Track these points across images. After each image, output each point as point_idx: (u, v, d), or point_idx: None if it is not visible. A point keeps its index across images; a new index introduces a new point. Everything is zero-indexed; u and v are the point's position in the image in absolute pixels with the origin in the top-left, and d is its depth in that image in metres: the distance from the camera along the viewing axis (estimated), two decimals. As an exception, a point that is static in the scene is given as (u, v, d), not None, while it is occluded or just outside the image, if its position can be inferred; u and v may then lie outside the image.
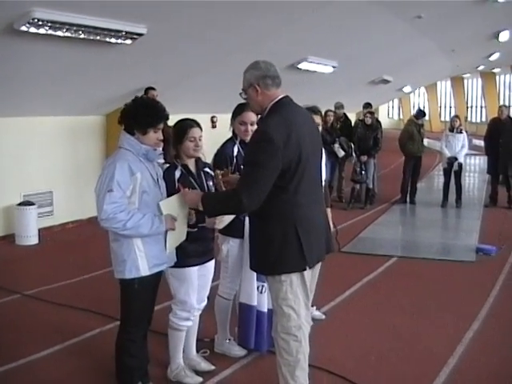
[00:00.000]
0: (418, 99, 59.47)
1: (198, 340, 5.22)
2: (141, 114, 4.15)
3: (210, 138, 5.40)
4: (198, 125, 4.76)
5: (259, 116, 4.28)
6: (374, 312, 6.66)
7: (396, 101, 56.35)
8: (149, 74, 9.96)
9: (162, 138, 4.28)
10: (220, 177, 4.47)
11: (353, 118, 17.85)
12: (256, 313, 5.29)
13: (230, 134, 5.38)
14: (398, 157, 24.14)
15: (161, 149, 4.40)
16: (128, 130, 4.21)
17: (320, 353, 5.39)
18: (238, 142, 5.29)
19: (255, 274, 5.15)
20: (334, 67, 14.53)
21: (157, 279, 4.37)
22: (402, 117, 60.50)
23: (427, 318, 6.52)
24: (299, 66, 13.14)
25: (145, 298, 4.32)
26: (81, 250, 9.32)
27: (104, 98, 10.36)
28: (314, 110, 5.99)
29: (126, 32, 7.77)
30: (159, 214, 4.18)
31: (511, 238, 10.00)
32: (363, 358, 5.43)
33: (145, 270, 4.19)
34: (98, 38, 7.61)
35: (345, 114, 14.33)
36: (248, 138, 5.24)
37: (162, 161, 5.39)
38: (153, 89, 10.10)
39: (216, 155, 5.26)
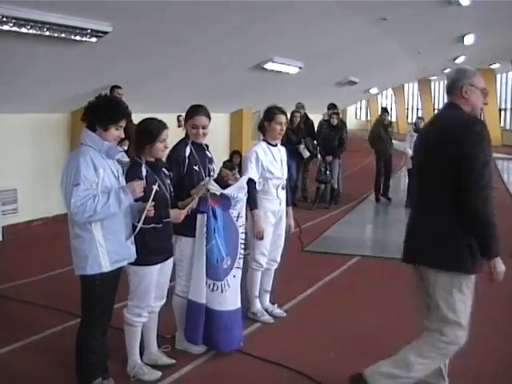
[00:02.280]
0: (386, 101, 59.92)
1: (159, 336, 5.28)
2: (103, 111, 4.20)
3: (177, 138, 5.43)
4: (167, 126, 4.83)
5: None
6: (335, 310, 6.75)
7: (364, 102, 56.77)
8: (114, 72, 9.95)
9: (123, 136, 4.32)
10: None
11: (318, 118, 17.97)
12: (206, 310, 5.32)
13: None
14: (365, 157, 24.54)
15: (125, 147, 4.45)
16: (90, 127, 4.24)
17: (281, 349, 5.52)
18: (190, 143, 5.33)
19: (205, 271, 5.22)
20: (299, 68, 14.60)
21: (117, 275, 4.40)
22: (369, 118, 60.96)
23: (388, 315, 6.62)
24: (265, 66, 13.19)
25: (105, 294, 4.35)
26: (45, 248, 9.29)
27: (69, 95, 10.32)
28: (282, 111, 6.11)
29: (91, 30, 7.77)
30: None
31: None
32: (322, 354, 5.50)
33: (106, 266, 4.23)
34: (63, 35, 7.60)
35: (306, 114, 14.41)
36: (200, 141, 5.32)
37: (127, 159, 5.44)
38: (118, 87, 10.09)
39: (169, 156, 5.28)
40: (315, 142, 14.01)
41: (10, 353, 5.43)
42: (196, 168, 5.25)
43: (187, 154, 5.25)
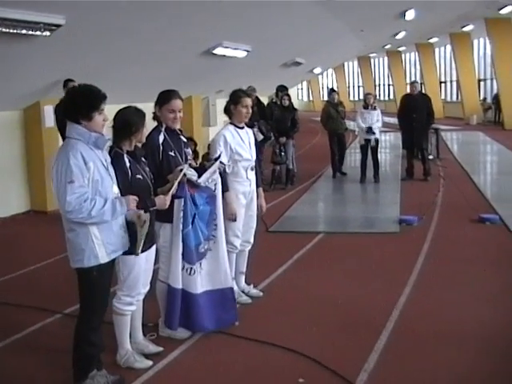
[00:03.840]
0: (327, 80, 60.40)
1: (142, 325, 5.29)
2: (80, 102, 4.15)
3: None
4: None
5: None
6: (309, 285, 6.86)
7: (305, 83, 57.06)
8: (67, 65, 9.83)
9: (107, 118, 4.31)
10: None
11: (265, 101, 18.05)
12: (183, 294, 5.37)
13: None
14: (312, 137, 24.79)
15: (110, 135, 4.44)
16: (74, 119, 4.19)
17: (263, 328, 5.61)
18: (163, 130, 5.35)
19: (180, 256, 5.27)
20: (247, 51, 14.65)
21: (112, 265, 4.41)
22: (311, 98, 61.38)
23: (360, 287, 6.77)
24: (214, 51, 13.21)
25: (103, 285, 4.36)
26: (6, 248, 9.10)
27: (22, 91, 10.18)
28: (247, 94, 6.18)
29: (44, 23, 7.70)
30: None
31: (430, 208, 10.44)
32: (305, 330, 5.61)
33: (103, 258, 4.24)
34: (16, 30, 7.51)
35: (257, 97, 14.45)
36: (176, 125, 5.36)
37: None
38: (72, 80, 9.96)
39: (143, 145, 5.28)
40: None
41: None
42: (172, 154, 5.27)
43: (161, 141, 5.27)
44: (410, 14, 17.88)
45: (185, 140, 5.55)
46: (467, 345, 5.24)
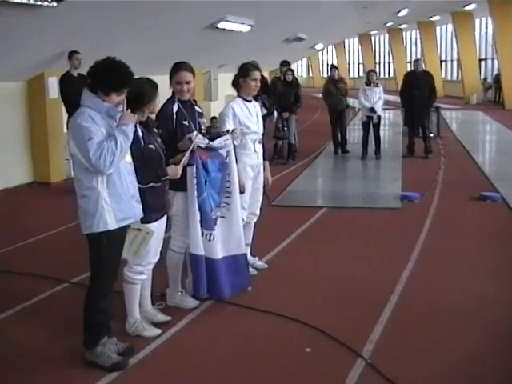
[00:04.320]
0: (327, 57, 60.24)
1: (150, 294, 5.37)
2: (107, 76, 4.17)
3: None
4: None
5: None
6: (313, 259, 6.95)
7: (305, 59, 56.91)
8: (73, 37, 9.84)
9: (124, 100, 4.33)
10: None
11: (267, 76, 18.03)
12: (206, 261, 5.47)
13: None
14: (313, 113, 24.81)
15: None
16: (92, 88, 4.23)
17: (268, 299, 5.69)
18: (177, 100, 5.43)
19: (199, 223, 5.34)
20: (251, 26, 14.62)
21: (123, 234, 4.45)
22: (311, 75, 61.24)
23: (364, 260, 6.85)
24: (218, 25, 13.19)
25: (113, 253, 4.41)
26: (10, 219, 9.15)
27: (26, 62, 10.17)
28: (257, 67, 6.20)
29: (52, -6, 7.69)
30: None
31: (432, 186, 10.51)
32: (310, 302, 5.69)
33: (112, 224, 4.27)
34: (23, 0, 7.50)
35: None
36: (185, 96, 5.42)
37: None
38: (77, 52, 10.01)
39: (158, 114, 5.36)
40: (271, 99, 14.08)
41: (3, 322, 5.41)
42: (185, 123, 5.35)
43: (175, 111, 5.35)
44: (414, -9, 17.89)
45: (199, 110, 5.61)
46: (469, 317, 5.33)
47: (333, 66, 15.41)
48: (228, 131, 5.63)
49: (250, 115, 6.19)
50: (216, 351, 4.79)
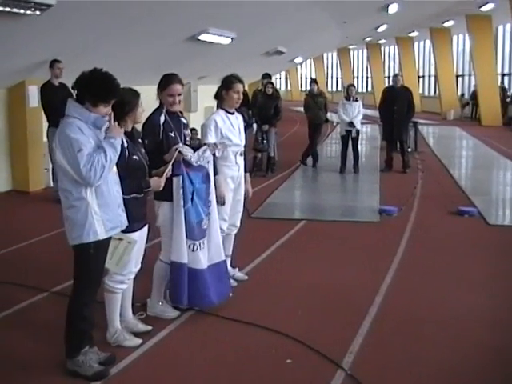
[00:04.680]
0: (306, 70, 60.54)
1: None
2: (95, 87, 4.20)
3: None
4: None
5: None
6: (293, 271, 6.98)
7: (283, 72, 57.16)
8: (55, 45, 9.84)
9: (110, 112, 4.35)
10: None
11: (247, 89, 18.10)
12: (188, 270, 5.49)
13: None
14: (292, 126, 24.93)
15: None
16: (78, 99, 4.25)
17: (248, 310, 5.72)
18: (164, 111, 5.46)
19: (184, 232, 5.38)
20: (232, 38, 14.68)
21: (108, 243, 4.46)
22: (289, 88, 61.52)
23: (343, 273, 6.91)
24: (200, 37, 13.22)
25: (99, 262, 4.42)
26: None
27: (7, 70, 10.15)
28: (239, 79, 6.25)
29: (35, 3, 7.66)
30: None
31: (410, 200, 10.61)
32: (290, 313, 5.72)
33: (102, 234, 4.29)
34: (7, 9, 7.49)
35: (240, 84, 14.53)
36: (176, 108, 5.47)
37: None
38: (58, 61, 10.02)
39: (144, 125, 5.42)
40: (250, 111, 14.16)
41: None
42: (172, 134, 5.39)
43: (162, 122, 5.39)
44: (393, 8, 18.04)
45: (184, 122, 5.66)
46: (446, 328, 5.41)
47: (313, 81, 15.54)
48: (207, 144, 5.68)
49: (232, 127, 6.24)
50: (196, 361, 4.80)
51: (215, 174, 6.03)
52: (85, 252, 4.29)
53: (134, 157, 4.76)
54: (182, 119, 5.65)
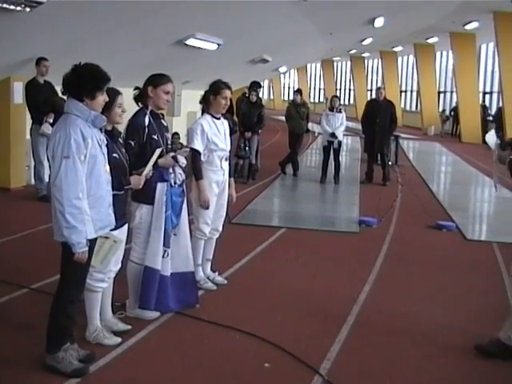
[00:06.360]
0: (289, 80, 60.75)
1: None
2: (87, 80, 4.22)
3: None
4: (120, 92, 4.93)
5: None
6: (272, 277, 7.03)
7: (266, 81, 57.31)
8: (43, 43, 9.81)
9: (107, 99, 4.39)
10: None
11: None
12: (159, 277, 5.55)
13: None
14: (273, 135, 25.02)
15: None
16: (76, 95, 4.25)
17: (227, 314, 5.76)
18: (148, 113, 5.47)
19: (162, 239, 5.43)
20: (218, 45, 14.73)
21: (95, 241, 4.46)
22: (272, 97, 61.70)
23: (322, 281, 6.98)
24: (187, 42, 13.25)
25: (87, 261, 4.39)
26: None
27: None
28: (227, 85, 6.30)
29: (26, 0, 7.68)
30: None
31: (389, 212, 10.71)
32: (269, 318, 5.77)
33: (91, 234, 4.28)
34: (-2, 4, 7.51)
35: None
36: (165, 107, 5.54)
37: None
38: (45, 59, 10.02)
39: (128, 125, 5.42)
40: (236, 118, 14.23)
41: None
42: (155, 137, 5.39)
43: (146, 124, 5.38)
44: (379, 22, 18.20)
45: (165, 124, 5.68)
46: (420, 337, 5.48)
47: (297, 90, 15.64)
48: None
49: (218, 132, 6.29)
50: (175, 362, 4.83)
51: (200, 178, 6.10)
52: (71, 250, 4.27)
53: (114, 155, 4.76)
54: (163, 122, 5.67)
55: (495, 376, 4.91)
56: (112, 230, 4.72)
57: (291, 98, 15.88)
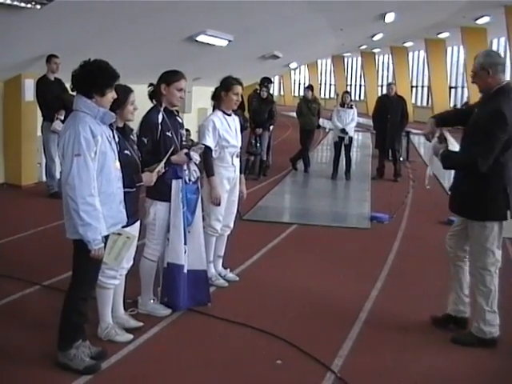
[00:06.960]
0: (299, 76, 60.64)
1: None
2: (97, 77, 4.21)
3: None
4: (132, 89, 4.93)
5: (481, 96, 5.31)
6: (284, 274, 7.01)
7: (277, 77, 57.22)
8: (53, 40, 9.81)
9: (115, 96, 4.39)
10: None
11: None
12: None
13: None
14: (284, 131, 24.97)
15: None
16: (85, 93, 4.25)
17: (239, 311, 5.76)
18: (162, 110, 5.48)
19: (183, 235, 5.41)
20: (229, 41, 14.71)
21: (106, 239, 4.45)
22: (282, 93, 61.61)
23: (334, 277, 6.96)
24: (197, 38, 13.24)
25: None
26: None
27: (4, 63, 10.11)
28: (239, 81, 6.29)
29: (37, -4, 7.70)
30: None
31: (401, 208, 10.67)
32: (281, 315, 5.77)
33: (103, 231, 4.28)
34: (8, 1, 7.49)
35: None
36: (179, 104, 5.54)
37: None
38: (56, 56, 10.04)
39: (142, 122, 5.42)
40: (247, 114, 14.21)
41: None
42: (169, 134, 5.40)
43: (160, 121, 5.39)
44: (390, 17, 18.13)
45: (180, 121, 5.67)
46: (432, 335, 5.45)
47: (308, 86, 15.62)
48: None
49: (229, 129, 6.29)
50: (187, 359, 4.84)
51: (212, 174, 6.09)
52: (85, 247, 4.25)
53: (126, 152, 4.78)
54: (178, 118, 5.68)
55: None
56: (124, 226, 4.72)
57: (302, 94, 15.80)
